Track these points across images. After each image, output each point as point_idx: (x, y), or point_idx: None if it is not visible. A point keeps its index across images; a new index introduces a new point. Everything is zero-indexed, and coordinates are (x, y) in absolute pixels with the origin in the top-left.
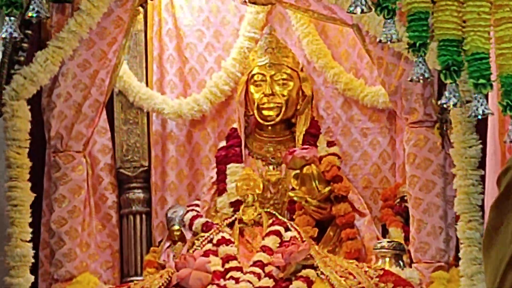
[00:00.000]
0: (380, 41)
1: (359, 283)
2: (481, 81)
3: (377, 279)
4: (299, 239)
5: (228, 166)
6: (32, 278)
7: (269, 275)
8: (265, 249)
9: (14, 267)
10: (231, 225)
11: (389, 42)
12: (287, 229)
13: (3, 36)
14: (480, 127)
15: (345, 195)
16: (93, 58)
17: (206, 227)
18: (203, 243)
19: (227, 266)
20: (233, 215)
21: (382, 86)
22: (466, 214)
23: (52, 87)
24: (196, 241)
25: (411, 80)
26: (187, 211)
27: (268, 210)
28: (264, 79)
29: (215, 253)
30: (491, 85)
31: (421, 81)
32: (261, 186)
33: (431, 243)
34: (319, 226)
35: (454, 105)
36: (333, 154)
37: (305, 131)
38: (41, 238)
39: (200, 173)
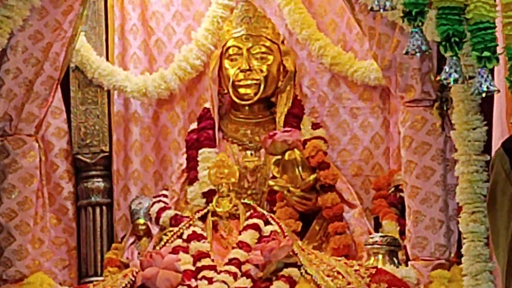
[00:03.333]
0: (371, 9)
1: (349, 283)
2: (486, 54)
3: (369, 278)
4: (280, 234)
5: (199, 151)
6: None
7: (246, 274)
8: (242, 245)
9: None
10: (203, 218)
11: (381, 10)
12: (266, 223)
13: None
14: (485, 106)
15: (333, 184)
16: (46, 29)
17: (175, 220)
18: (172, 238)
19: (199, 264)
20: (205, 207)
21: (374, 60)
22: (469, 205)
23: (0, 62)
24: (164, 237)
25: (406, 53)
26: (154, 203)
27: (245, 201)
28: (240, 53)
29: (186, 250)
30: (497, 59)
31: (418, 54)
32: (237, 174)
33: (430, 238)
34: (303, 219)
35: (455, 81)
36: (319, 137)
37: (287, 112)
38: None
39: (168, 160)
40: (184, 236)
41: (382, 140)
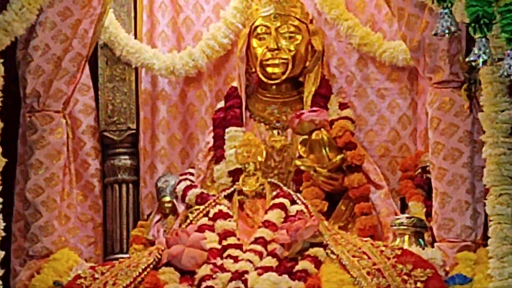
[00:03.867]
0: None
1: (374, 264)
2: None
3: (395, 259)
4: (306, 213)
5: (226, 130)
6: (2, 253)
7: (272, 253)
8: (267, 224)
9: None
10: (229, 197)
11: None
12: (293, 202)
13: None
14: None
15: (359, 164)
16: (75, 6)
17: (201, 199)
18: (198, 217)
19: (224, 243)
20: (231, 186)
21: (402, 41)
22: (496, 187)
23: (29, 38)
24: (189, 215)
25: (435, 34)
26: (180, 181)
27: (272, 180)
28: (268, 32)
29: (211, 229)
30: None
31: (447, 35)
32: (264, 153)
33: (456, 220)
34: (330, 199)
35: (484, 63)
36: (346, 117)
37: (314, 92)
38: (14, 209)
39: (194, 138)
40: (210, 215)
41: (409, 121)
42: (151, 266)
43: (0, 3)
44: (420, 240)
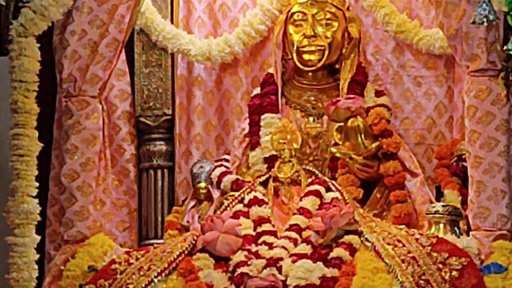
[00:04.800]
0: None
1: (409, 252)
2: None
3: (430, 247)
4: (341, 201)
5: (262, 116)
6: (38, 238)
7: (306, 240)
8: (302, 211)
9: (18, 225)
10: (264, 184)
11: None
12: (328, 189)
13: None
14: None
15: (395, 152)
16: None
17: (237, 185)
18: (233, 203)
19: (259, 229)
20: (267, 172)
21: (439, 29)
22: None
23: (65, 23)
24: (224, 201)
25: (473, 23)
26: (215, 167)
27: (307, 167)
28: (305, 19)
29: (246, 215)
30: None
31: (485, 23)
32: (300, 140)
33: (492, 209)
34: (365, 187)
35: None
36: (382, 105)
37: (350, 79)
38: (49, 194)
39: (230, 124)
40: (245, 201)
41: (445, 109)
42: (186, 252)
43: None
44: (456, 228)
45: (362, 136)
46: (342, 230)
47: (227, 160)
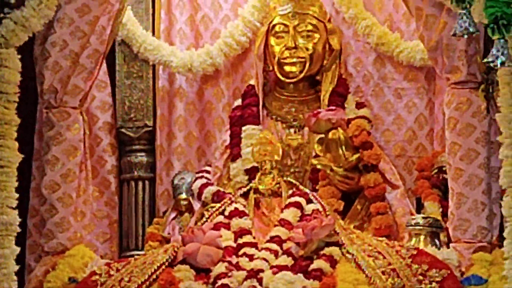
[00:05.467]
0: None
1: (389, 263)
2: None
3: (410, 259)
4: (322, 212)
5: (243, 128)
6: (18, 249)
7: (287, 252)
8: (283, 223)
9: None
10: (245, 195)
11: None
12: (309, 201)
13: None
14: None
15: (376, 164)
16: (93, 2)
17: (217, 196)
18: (214, 214)
19: (240, 241)
20: (248, 184)
21: (420, 41)
22: None
23: (47, 34)
24: (205, 213)
25: (454, 35)
26: (196, 178)
27: (288, 179)
28: (286, 30)
29: (227, 227)
30: None
31: (465, 36)
32: (281, 151)
33: (472, 220)
34: (345, 199)
35: (502, 64)
36: (363, 117)
37: (331, 90)
38: (30, 205)
39: (211, 136)
40: (226, 213)
41: (426, 121)
42: (167, 263)
43: None
44: (436, 240)
45: (343, 148)
46: (323, 241)
47: (208, 172)
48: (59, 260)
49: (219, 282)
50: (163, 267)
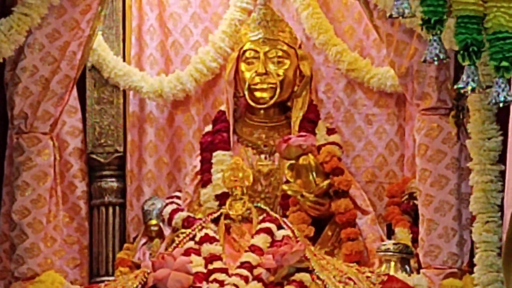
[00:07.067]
0: (390, 16)
1: None
2: (504, 63)
3: (380, 285)
4: (292, 238)
5: (214, 154)
6: None
7: (258, 278)
8: (254, 249)
9: None
10: (216, 221)
11: (400, 18)
12: (279, 227)
13: None
14: (501, 116)
15: (346, 190)
16: (64, 28)
17: (188, 222)
18: (184, 240)
19: (210, 267)
20: (218, 210)
21: (391, 67)
22: (483, 215)
23: (17, 60)
24: (176, 238)
25: (424, 61)
26: (166, 204)
27: (259, 205)
28: (257, 56)
29: (198, 252)
30: None
31: (435, 62)
32: (251, 177)
33: (443, 247)
34: (316, 225)
35: (473, 90)
36: (334, 143)
37: (302, 117)
38: (0, 230)
39: (182, 161)
40: (197, 238)
41: (396, 147)
42: None
43: None
44: (406, 266)
45: (314, 174)
46: (293, 267)
47: (178, 197)
48: (29, 286)
49: None
50: None
